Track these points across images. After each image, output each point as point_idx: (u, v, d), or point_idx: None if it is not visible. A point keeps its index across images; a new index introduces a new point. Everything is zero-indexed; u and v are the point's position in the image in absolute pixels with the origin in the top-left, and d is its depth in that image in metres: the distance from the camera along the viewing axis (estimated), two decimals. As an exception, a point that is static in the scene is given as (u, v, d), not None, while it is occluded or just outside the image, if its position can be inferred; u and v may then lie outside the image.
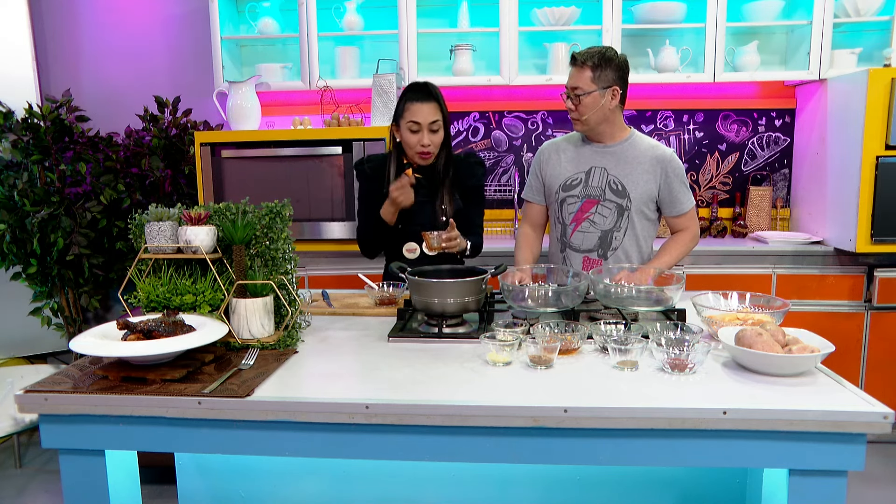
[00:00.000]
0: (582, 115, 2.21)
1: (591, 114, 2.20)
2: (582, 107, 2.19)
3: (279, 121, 3.79)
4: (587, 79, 2.17)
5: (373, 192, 2.37)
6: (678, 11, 3.39)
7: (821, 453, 1.29)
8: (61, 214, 3.31)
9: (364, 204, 2.41)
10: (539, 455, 1.35)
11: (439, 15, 3.65)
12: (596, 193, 2.27)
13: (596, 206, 2.27)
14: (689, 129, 3.74)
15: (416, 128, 2.19)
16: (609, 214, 2.26)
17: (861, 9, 3.27)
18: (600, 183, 2.27)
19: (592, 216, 2.28)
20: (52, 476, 3.07)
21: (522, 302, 1.83)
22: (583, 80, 2.17)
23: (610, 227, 2.27)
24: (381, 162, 2.38)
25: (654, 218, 2.32)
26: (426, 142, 2.20)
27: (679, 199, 2.27)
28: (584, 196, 2.28)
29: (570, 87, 2.20)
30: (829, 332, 2.38)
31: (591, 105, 2.19)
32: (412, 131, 2.21)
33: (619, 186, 2.25)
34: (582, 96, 2.18)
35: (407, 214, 2.29)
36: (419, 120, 2.19)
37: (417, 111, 2.19)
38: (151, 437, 1.43)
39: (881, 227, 3.02)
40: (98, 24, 3.85)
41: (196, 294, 1.70)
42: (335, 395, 1.38)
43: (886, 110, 2.95)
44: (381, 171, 2.35)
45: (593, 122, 2.22)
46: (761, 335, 1.46)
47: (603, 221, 2.27)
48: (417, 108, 2.19)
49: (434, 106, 2.21)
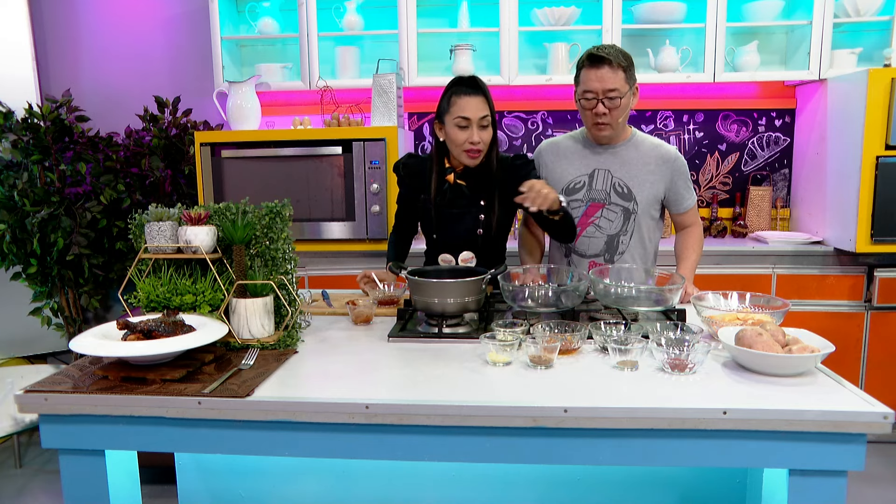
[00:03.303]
0: (617, 119, 2.08)
1: (624, 115, 2.09)
2: (618, 110, 2.06)
3: (279, 121, 3.79)
4: (622, 79, 2.05)
5: (408, 197, 2.26)
6: (678, 11, 3.39)
7: (821, 453, 1.29)
8: (61, 214, 3.31)
9: (400, 209, 2.31)
10: (539, 455, 1.35)
11: (439, 15, 3.65)
12: (601, 197, 2.19)
13: (601, 210, 2.20)
14: (689, 129, 3.74)
15: (465, 123, 2.02)
16: (615, 218, 2.19)
17: (861, 9, 3.27)
18: (605, 186, 2.19)
19: (598, 220, 2.20)
20: (52, 476, 3.07)
21: (522, 302, 1.83)
22: (619, 82, 2.04)
23: (616, 232, 2.20)
24: (418, 165, 2.22)
25: (658, 218, 2.27)
26: (476, 138, 2.02)
27: (684, 197, 2.24)
28: (588, 200, 2.20)
29: (606, 90, 2.04)
30: (829, 332, 2.38)
31: (625, 108, 2.08)
32: (460, 127, 2.03)
33: (625, 189, 2.17)
34: (619, 99, 2.05)
35: (445, 224, 2.18)
36: (468, 115, 2.01)
37: (466, 105, 2.01)
38: (151, 437, 1.43)
39: (881, 227, 3.01)
40: (98, 24, 3.85)
41: (196, 294, 1.70)
42: (335, 395, 1.38)
43: (886, 110, 2.95)
44: (418, 176, 2.20)
45: (621, 125, 2.12)
46: (761, 335, 1.46)
47: (609, 226, 2.20)
48: (466, 102, 2.01)
49: (482, 100, 2.03)
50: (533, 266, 2.14)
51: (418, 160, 2.24)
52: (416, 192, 2.23)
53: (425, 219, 2.25)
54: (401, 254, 2.35)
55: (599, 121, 2.10)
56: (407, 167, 2.23)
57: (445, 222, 2.17)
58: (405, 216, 2.31)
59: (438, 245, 2.23)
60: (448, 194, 2.16)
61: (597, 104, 2.07)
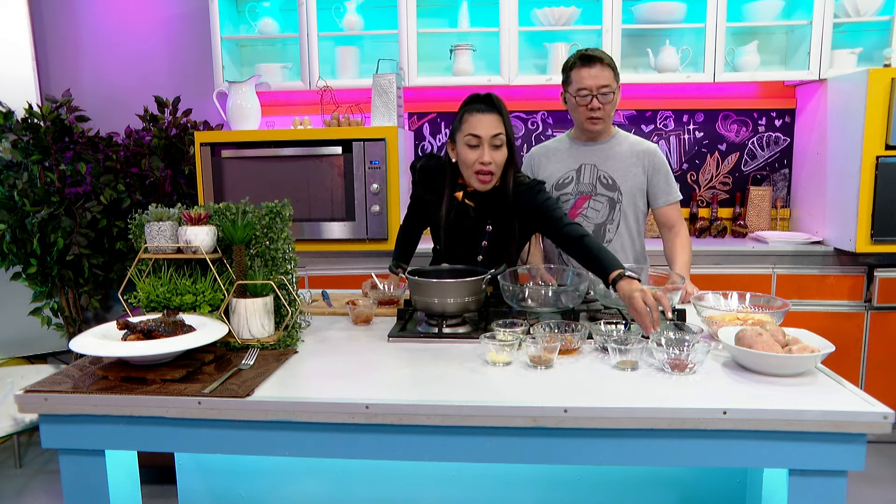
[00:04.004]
0: (609, 113, 2.26)
1: (613, 112, 2.28)
2: (610, 105, 2.24)
3: (279, 121, 3.79)
4: (611, 76, 2.22)
5: (417, 200, 2.23)
6: (678, 11, 3.39)
7: (821, 453, 1.29)
8: (61, 214, 3.31)
9: (409, 211, 2.29)
10: (539, 455, 1.35)
11: (439, 15, 3.65)
12: (587, 189, 2.34)
13: (588, 201, 2.34)
14: (689, 129, 3.74)
15: (476, 142, 1.90)
16: (601, 208, 2.33)
17: (861, 9, 3.27)
18: (591, 179, 2.33)
19: (585, 211, 2.34)
20: (52, 476, 3.07)
21: (522, 302, 1.83)
22: (610, 79, 2.21)
23: (602, 221, 2.34)
24: (433, 171, 2.11)
25: (644, 210, 2.39)
26: (486, 159, 1.89)
27: (663, 191, 2.33)
28: (576, 193, 2.35)
29: (599, 86, 2.21)
30: (829, 332, 2.38)
31: (615, 103, 2.26)
32: (470, 146, 1.91)
33: (610, 180, 2.32)
34: (611, 94, 2.22)
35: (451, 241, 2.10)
36: (479, 133, 1.89)
37: (477, 123, 1.90)
38: (151, 437, 1.43)
39: (881, 227, 3.01)
40: (98, 24, 3.85)
41: (196, 294, 1.70)
42: (335, 395, 1.38)
43: (886, 110, 2.95)
44: (430, 184, 2.12)
45: (611, 119, 2.30)
46: (761, 335, 1.46)
47: (595, 215, 2.34)
48: (477, 120, 1.90)
49: (496, 118, 1.91)
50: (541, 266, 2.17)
51: (438, 164, 2.12)
52: (424, 198, 2.16)
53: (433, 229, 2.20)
54: (406, 253, 2.33)
55: (594, 115, 2.25)
56: (424, 169, 2.14)
57: (451, 239, 2.10)
58: (414, 217, 2.29)
59: (441, 258, 2.16)
60: (454, 212, 2.06)
61: (591, 100, 2.23)
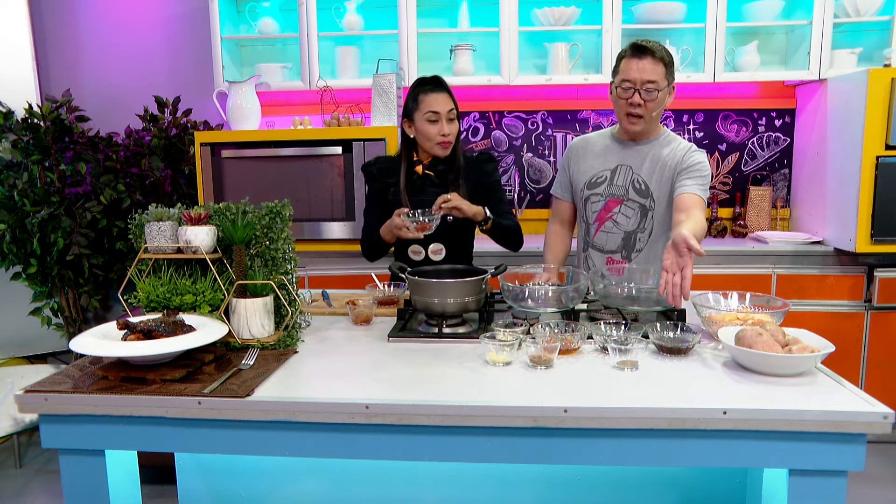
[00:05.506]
0: (651, 111, 2.07)
1: (658, 110, 2.10)
2: (654, 102, 2.06)
3: (279, 121, 3.79)
4: (662, 73, 2.05)
5: (379, 193, 2.35)
6: (678, 11, 3.39)
7: (821, 453, 1.29)
8: (61, 214, 3.31)
9: (369, 206, 2.39)
10: (539, 455, 1.35)
11: (439, 15, 3.65)
12: (619, 193, 2.19)
13: (620, 205, 2.20)
14: (689, 129, 3.74)
15: (435, 117, 2.19)
16: (632, 215, 2.19)
17: (861, 9, 3.27)
18: (624, 182, 2.19)
19: (616, 216, 2.21)
20: (52, 476, 3.07)
21: (522, 302, 1.83)
22: (658, 75, 2.04)
23: (633, 229, 2.20)
24: (388, 163, 2.36)
25: None
26: (447, 130, 2.20)
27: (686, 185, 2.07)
28: (607, 195, 2.21)
29: (645, 81, 2.03)
30: (829, 332, 2.38)
31: (661, 101, 2.08)
32: (431, 121, 2.19)
33: (643, 186, 2.17)
34: (656, 91, 2.05)
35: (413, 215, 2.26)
36: (437, 109, 2.18)
37: (434, 101, 2.19)
38: (151, 437, 1.43)
39: (881, 227, 3.01)
40: (98, 24, 3.85)
41: (196, 294, 1.70)
42: (335, 395, 1.38)
43: (886, 110, 2.95)
44: (389, 173, 2.33)
45: (655, 120, 2.13)
46: (761, 335, 1.46)
47: (626, 222, 2.20)
48: (434, 99, 2.19)
49: (447, 96, 2.21)
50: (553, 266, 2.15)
51: (389, 159, 2.39)
52: (387, 188, 2.34)
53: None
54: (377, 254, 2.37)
55: (633, 111, 2.08)
56: (379, 163, 2.37)
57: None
58: (377, 213, 2.35)
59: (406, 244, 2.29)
60: (417, 184, 2.29)
61: (633, 94, 2.06)
